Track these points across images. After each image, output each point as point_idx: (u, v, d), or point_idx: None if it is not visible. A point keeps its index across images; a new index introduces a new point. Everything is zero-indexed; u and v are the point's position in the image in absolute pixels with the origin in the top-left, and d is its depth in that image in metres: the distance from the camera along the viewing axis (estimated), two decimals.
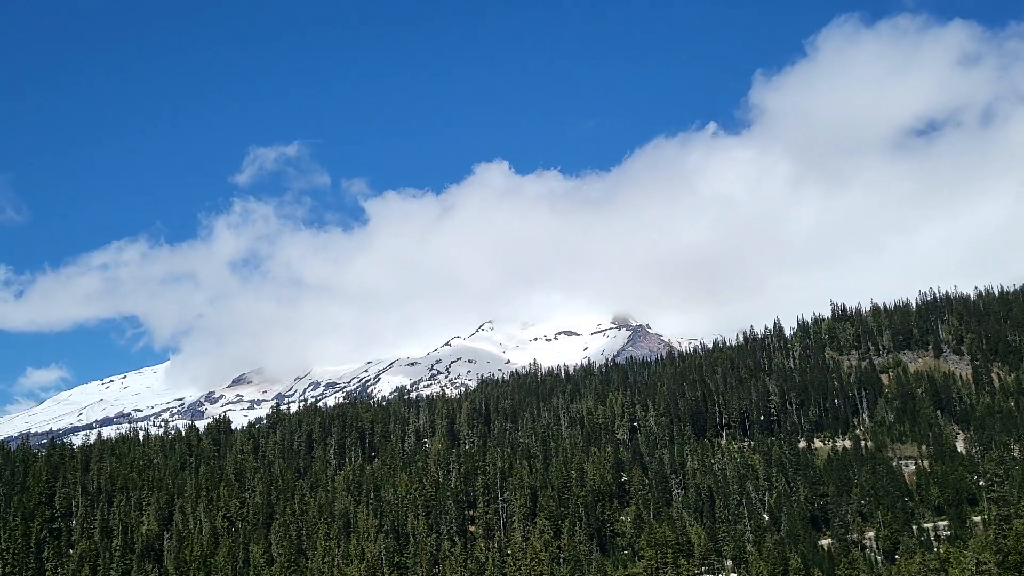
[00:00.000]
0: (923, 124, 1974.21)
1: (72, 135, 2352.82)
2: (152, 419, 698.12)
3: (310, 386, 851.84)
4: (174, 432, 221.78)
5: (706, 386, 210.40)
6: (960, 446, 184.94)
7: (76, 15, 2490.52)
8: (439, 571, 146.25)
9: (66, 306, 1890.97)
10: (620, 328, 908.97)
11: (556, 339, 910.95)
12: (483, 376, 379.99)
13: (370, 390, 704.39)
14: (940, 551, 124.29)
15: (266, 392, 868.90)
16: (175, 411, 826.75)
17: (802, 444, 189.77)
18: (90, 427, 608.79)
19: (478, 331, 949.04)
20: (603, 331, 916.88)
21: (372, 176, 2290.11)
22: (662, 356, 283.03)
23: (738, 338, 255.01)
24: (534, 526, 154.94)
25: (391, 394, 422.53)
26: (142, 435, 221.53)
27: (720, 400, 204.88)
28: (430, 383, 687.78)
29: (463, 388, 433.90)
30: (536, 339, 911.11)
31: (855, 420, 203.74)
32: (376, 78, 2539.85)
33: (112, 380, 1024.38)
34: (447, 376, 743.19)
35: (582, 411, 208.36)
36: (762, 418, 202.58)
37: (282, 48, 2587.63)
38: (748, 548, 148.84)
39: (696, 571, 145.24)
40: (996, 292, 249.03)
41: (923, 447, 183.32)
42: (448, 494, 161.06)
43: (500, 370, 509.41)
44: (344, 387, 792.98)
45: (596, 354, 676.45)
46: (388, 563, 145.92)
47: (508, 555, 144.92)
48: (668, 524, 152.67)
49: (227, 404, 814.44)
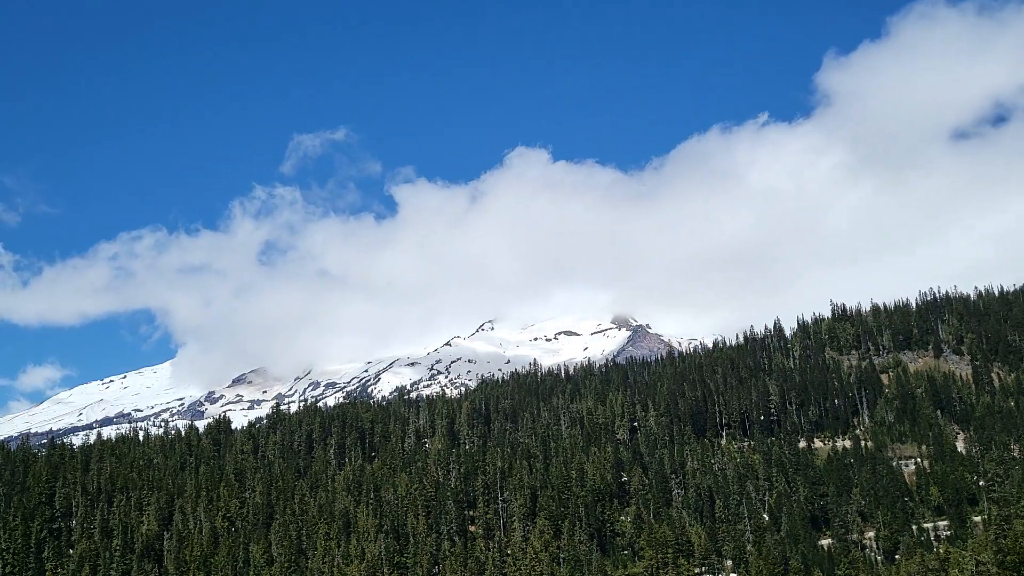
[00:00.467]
0: (991, 112, 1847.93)
1: (103, 128, 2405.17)
2: (152, 419, 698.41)
3: (310, 386, 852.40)
4: (174, 432, 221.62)
5: (706, 386, 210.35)
6: (960, 446, 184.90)
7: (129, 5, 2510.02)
8: (439, 571, 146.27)
9: (79, 297, 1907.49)
10: (620, 328, 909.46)
11: (556, 339, 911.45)
12: (483, 376, 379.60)
13: (370, 390, 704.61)
14: (940, 551, 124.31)
15: (266, 392, 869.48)
16: (175, 411, 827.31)
17: (802, 444, 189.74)
18: (90, 427, 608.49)
19: (478, 331, 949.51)
20: (603, 331, 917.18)
21: (415, 165, 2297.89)
22: (662, 356, 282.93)
23: (738, 338, 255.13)
24: (534, 526, 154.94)
25: (391, 394, 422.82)
26: (142, 435, 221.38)
27: (720, 400, 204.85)
28: (430, 383, 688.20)
29: (463, 388, 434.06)
30: (536, 339, 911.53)
31: (855, 420, 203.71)
32: (424, 69, 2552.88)
33: (112, 380, 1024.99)
34: (447, 376, 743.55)
35: (582, 411, 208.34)
36: (762, 418, 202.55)
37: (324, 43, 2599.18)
38: (748, 548, 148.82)
39: (696, 571, 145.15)
40: (996, 292, 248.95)
41: (923, 447, 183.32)
42: (448, 494, 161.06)
43: (500, 370, 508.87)
44: (344, 387, 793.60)
45: (596, 354, 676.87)
46: (388, 563, 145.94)
47: (508, 555, 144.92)
48: (668, 524, 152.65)
49: (227, 404, 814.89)
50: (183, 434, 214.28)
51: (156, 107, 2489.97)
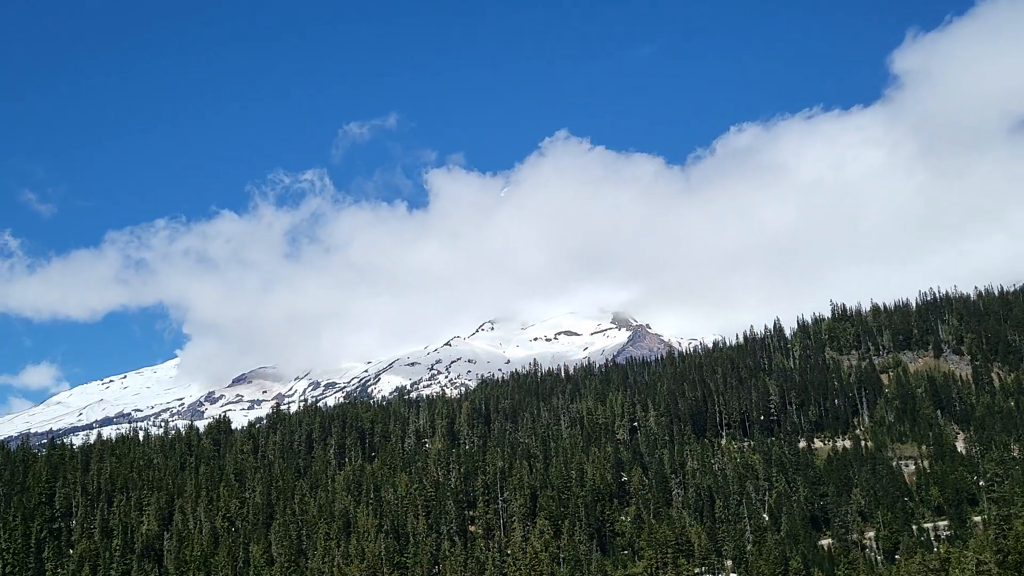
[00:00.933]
0: None
1: (125, 122, 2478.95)
2: (152, 419, 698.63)
3: (310, 386, 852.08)
4: (174, 432, 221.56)
5: (706, 386, 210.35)
6: (960, 446, 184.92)
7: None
8: (439, 571, 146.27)
9: (99, 287, 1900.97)
10: (620, 328, 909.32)
11: (556, 339, 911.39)
12: (483, 376, 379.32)
13: (370, 390, 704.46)
14: (940, 551, 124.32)
15: (266, 392, 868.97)
16: (175, 411, 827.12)
17: (802, 444, 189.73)
18: (90, 427, 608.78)
19: (478, 331, 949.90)
20: (603, 331, 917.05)
21: (458, 152, 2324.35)
22: (662, 356, 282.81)
23: (738, 338, 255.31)
24: (534, 526, 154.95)
25: (391, 394, 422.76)
26: (142, 435, 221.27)
27: (720, 400, 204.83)
28: (430, 383, 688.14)
29: (463, 388, 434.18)
30: (536, 339, 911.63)
31: (855, 420, 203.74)
32: (466, 59, 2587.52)
33: (112, 380, 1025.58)
34: (447, 376, 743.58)
35: (582, 411, 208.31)
36: (762, 418, 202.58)
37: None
38: (748, 548, 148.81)
39: (696, 571, 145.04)
40: (996, 292, 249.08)
41: (923, 447, 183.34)
42: (448, 494, 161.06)
43: (500, 370, 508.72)
44: (344, 387, 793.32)
45: (596, 354, 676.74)
46: (388, 563, 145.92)
47: (508, 555, 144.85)
48: (668, 524, 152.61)
49: (227, 404, 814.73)
50: (183, 434, 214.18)
51: (156, 108, 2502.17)
